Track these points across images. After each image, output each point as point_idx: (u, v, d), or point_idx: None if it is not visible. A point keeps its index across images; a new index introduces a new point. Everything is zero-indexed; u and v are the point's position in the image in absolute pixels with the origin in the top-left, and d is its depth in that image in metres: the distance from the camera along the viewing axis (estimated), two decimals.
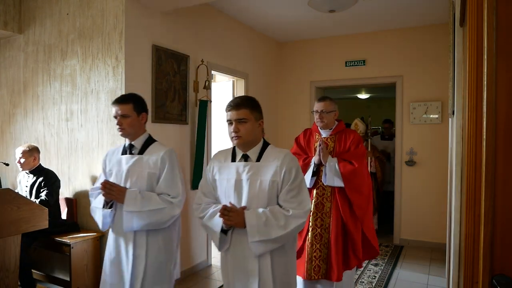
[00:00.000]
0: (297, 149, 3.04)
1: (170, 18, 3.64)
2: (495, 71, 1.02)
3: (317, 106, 2.87)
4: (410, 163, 5.02)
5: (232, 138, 1.82)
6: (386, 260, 4.45)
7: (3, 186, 3.87)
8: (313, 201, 2.88)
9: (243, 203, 1.82)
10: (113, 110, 2.18)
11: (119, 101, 2.18)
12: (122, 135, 2.21)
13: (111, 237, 2.28)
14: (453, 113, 2.56)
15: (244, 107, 1.81)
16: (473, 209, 1.08)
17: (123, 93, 3.15)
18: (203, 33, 4.12)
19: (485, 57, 1.02)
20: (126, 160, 2.22)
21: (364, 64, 5.31)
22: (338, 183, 2.74)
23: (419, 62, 4.97)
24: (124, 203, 2.10)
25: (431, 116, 4.91)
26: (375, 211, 5.26)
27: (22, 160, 3.24)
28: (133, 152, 2.24)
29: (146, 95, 3.37)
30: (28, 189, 3.27)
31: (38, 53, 3.70)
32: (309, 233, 2.83)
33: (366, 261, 4.38)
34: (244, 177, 1.83)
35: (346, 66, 5.40)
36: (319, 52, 5.58)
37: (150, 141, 2.28)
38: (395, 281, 3.85)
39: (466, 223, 1.11)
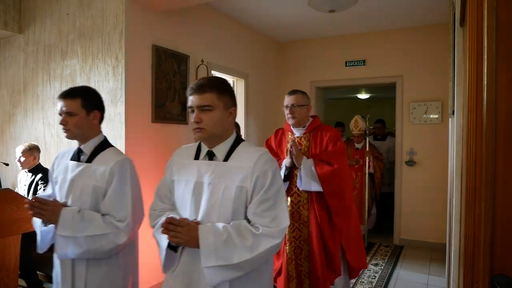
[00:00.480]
0: None
1: (170, 18, 3.64)
2: (495, 71, 1.02)
3: (287, 100, 2.55)
4: (410, 163, 5.02)
5: (193, 129, 1.46)
6: (386, 260, 4.46)
7: (3, 186, 3.87)
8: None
9: (201, 214, 1.43)
10: (58, 105, 1.78)
11: (64, 95, 1.76)
12: (67, 136, 1.79)
13: (55, 260, 1.86)
14: (453, 113, 2.56)
15: (210, 90, 1.43)
16: (473, 209, 1.08)
17: (123, 93, 3.15)
18: (203, 33, 4.12)
19: (485, 57, 1.02)
20: (72, 168, 1.81)
21: (364, 64, 5.31)
22: (316, 187, 2.40)
23: (419, 62, 4.97)
24: (58, 225, 1.66)
25: (431, 116, 4.91)
26: (373, 212, 5.18)
27: (22, 159, 3.24)
28: (81, 158, 1.82)
29: (146, 95, 3.37)
30: (26, 187, 3.27)
31: (38, 53, 3.70)
32: (287, 247, 2.50)
33: (368, 259, 4.38)
34: (206, 179, 1.45)
35: (346, 66, 5.40)
36: (319, 52, 5.58)
37: (102, 146, 1.84)
38: (395, 281, 3.85)
39: (466, 223, 1.11)
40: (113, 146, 1.90)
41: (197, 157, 1.53)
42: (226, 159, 1.48)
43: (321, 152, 2.49)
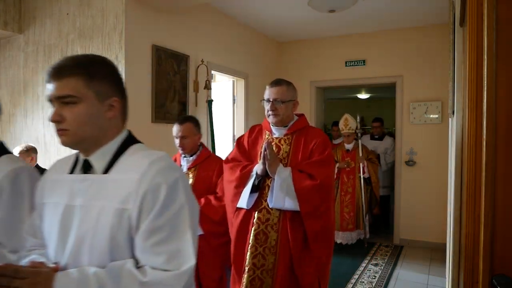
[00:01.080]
0: (236, 153, 2.17)
1: (170, 18, 3.64)
2: (495, 71, 1.02)
3: (269, 92, 2.04)
4: (410, 163, 5.02)
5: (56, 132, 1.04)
6: (386, 260, 4.46)
7: None
8: (252, 229, 1.98)
9: (67, 253, 0.99)
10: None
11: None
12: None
13: None
14: (453, 113, 2.56)
15: (73, 73, 1.00)
16: (473, 209, 1.08)
17: None
18: (203, 33, 4.12)
19: (485, 57, 1.03)
20: None
21: (364, 64, 5.31)
22: (290, 205, 1.89)
23: (419, 62, 4.97)
24: None
25: (431, 116, 4.91)
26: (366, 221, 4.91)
27: None
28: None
29: (146, 95, 3.38)
30: None
31: (38, 53, 3.70)
32: (244, 276, 1.94)
33: (366, 261, 4.39)
34: (78, 202, 1.00)
35: (346, 66, 5.40)
36: (319, 52, 5.58)
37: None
38: (395, 281, 3.85)
39: (466, 223, 1.11)
40: (10, 152, 1.48)
41: (72, 170, 1.08)
42: (106, 170, 1.03)
43: (304, 161, 1.98)
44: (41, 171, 3.29)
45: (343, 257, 4.47)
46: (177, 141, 2.38)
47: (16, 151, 3.26)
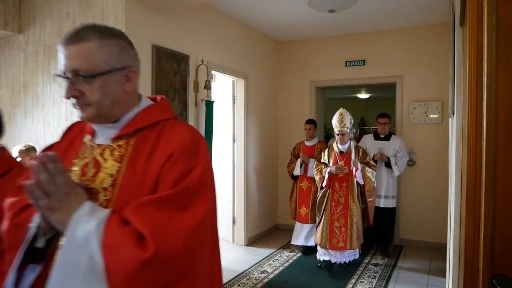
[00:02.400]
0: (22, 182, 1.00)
1: (170, 18, 3.64)
2: (495, 71, 1.02)
3: (62, 58, 0.99)
4: (410, 163, 5.02)
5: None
6: (386, 260, 4.45)
7: None
8: None
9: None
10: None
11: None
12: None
13: None
14: (453, 113, 2.56)
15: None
16: (473, 209, 1.08)
17: None
18: (203, 33, 4.12)
19: (485, 57, 1.02)
20: None
21: (364, 64, 5.31)
22: None
23: (419, 62, 4.97)
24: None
25: (431, 116, 4.91)
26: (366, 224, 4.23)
27: (19, 159, 3.24)
28: None
29: (146, 94, 3.37)
30: None
31: (38, 53, 3.70)
32: None
33: (368, 259, 4.39)
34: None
35: (346, 66, 5.40)
36: (319, 52, 5.58)
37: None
38: (395, 281, 3.85)
39: (466, 223, 1.11)
40: None
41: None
42: None
43: (146, 194, 0.95)
44: None
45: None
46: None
47: (15, 150, 3.26)
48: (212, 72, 4.32)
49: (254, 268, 4.20)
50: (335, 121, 4.10)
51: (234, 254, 4.64)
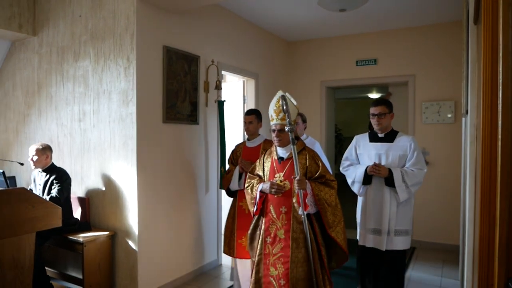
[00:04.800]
0: None
1: (181, 19, 3.66)
2: (511, 69, 1.00)
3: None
4: None
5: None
6: None
7: (18, 185, 3.94)
8: None
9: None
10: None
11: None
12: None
13: None
14: (467, 113, 2.52)
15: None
16: (488, 210, 1.06)
17: (135, 93, 3.18)
18: (214, 34, 4.14)
19: (501, 55, 1.00)
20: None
21: (375, 63, 5.26)
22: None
23: (431, 60, 4.91)
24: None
25: (444, 115, 4.84)
26: None
27: (35, 158, 3.29)
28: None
29: (157, 95, 3.40)
30: (41, 187, 3.33)
31: (52, 55, 3.76)
32: None
33: None
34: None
35: (357, 65, 5.36)
36: (329, 52, 5.55)
37: None
38: (407, 282, 3.80)
39: (481, 224, 1.09)
40: None
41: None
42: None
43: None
44: (56, 169, 3.35)
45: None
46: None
47: (32, 149, 3.32)
48: (223, 72, 4.33)
49: None
50: (271, 111, 2.62)
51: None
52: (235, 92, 5.03)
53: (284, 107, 2.44)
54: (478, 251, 1.16)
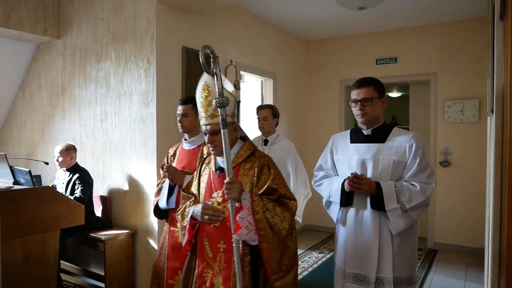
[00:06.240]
0: None
1: (199, 20, 3.69)
2: None
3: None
4: (445, 163, 4.84)
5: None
6: (419, 264, 4.32)
7: (43, 184, 4.06)
8: None
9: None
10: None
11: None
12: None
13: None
14: (492, 111, 2.44)
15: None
16: None
17: (155, 94, 3.23)
18: (232, 34, 4.15)
19: None
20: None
21: (395, 62, 5.17)
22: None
23: (454, 58, 4.78)
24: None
25: (468, 114, 4.71)
26: None
27: (60, 159, 3.38)
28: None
29: (177, 96, 3.44)
30: (64, 185, 3.42)
31: (75, 57, 3.86)
32: None
33: None
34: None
35: (376, 64, 5.28)
36: (348, 50, 5.48)
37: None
38: (429, 285, 3.72)
39: (508, 227, 1.05)
40: None
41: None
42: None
43: None
44: (79, 169, 3.44)
45: None
46: None
47: (56, 150, 3.42)
48: (241, 72, 4.34)
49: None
50: (198, 105, 1.77)
51: None
52: (253, 92, 5.04)
53: (217, 96, 1.58)
54: (504, 255, 1.12)
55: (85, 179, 3.37)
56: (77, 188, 3.32)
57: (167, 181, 2.37)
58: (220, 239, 1.71)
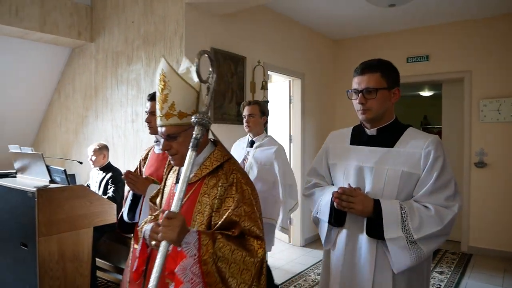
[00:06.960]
0: None
1: (227, 21, 3.72)
2: None
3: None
4: (480, 164, 4.64)
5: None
6: (452, 269, 4.16)
7: (78, 183, 4.21)
8: None
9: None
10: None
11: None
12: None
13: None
14: None
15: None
16: None
17: None
18: (259, 34, 4.15)
19: None
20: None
21: (427, 60, 5.00)
22: None
23: (490, 55, 4.58)
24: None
25: (506, 113, 4.49)
26: None
27: (93, 158, 3.49)
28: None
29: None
30: (97, 184, 3.53)
31: (107, 60, 3.98)
32: None
33: (432, 266, 4.12)
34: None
35: (407, 62, 5.14)
36: (377, 49, 5.36)
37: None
38: None
39: None
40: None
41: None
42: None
43: None
44: (112, 169, 3.53)
45: None
46: None
47: (90, 149, 3.53)
48: (269, 72, 4.34)
49: (311, 269, 4.14)
50: (158, 98, 1.46)
51: (290, 255, 4.62)
52: (281, 92, 5.02)
53: (170, 87, 1.34)
54: None
55: (118, 178, 3.46)
56: (110, 188, 3.41)
57: (130, 193, 2.01)
58: (170, 269, 1.17)
